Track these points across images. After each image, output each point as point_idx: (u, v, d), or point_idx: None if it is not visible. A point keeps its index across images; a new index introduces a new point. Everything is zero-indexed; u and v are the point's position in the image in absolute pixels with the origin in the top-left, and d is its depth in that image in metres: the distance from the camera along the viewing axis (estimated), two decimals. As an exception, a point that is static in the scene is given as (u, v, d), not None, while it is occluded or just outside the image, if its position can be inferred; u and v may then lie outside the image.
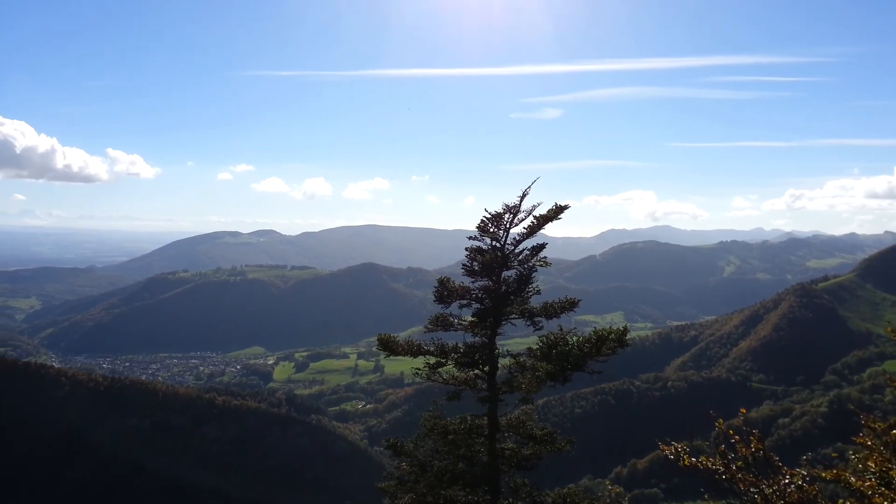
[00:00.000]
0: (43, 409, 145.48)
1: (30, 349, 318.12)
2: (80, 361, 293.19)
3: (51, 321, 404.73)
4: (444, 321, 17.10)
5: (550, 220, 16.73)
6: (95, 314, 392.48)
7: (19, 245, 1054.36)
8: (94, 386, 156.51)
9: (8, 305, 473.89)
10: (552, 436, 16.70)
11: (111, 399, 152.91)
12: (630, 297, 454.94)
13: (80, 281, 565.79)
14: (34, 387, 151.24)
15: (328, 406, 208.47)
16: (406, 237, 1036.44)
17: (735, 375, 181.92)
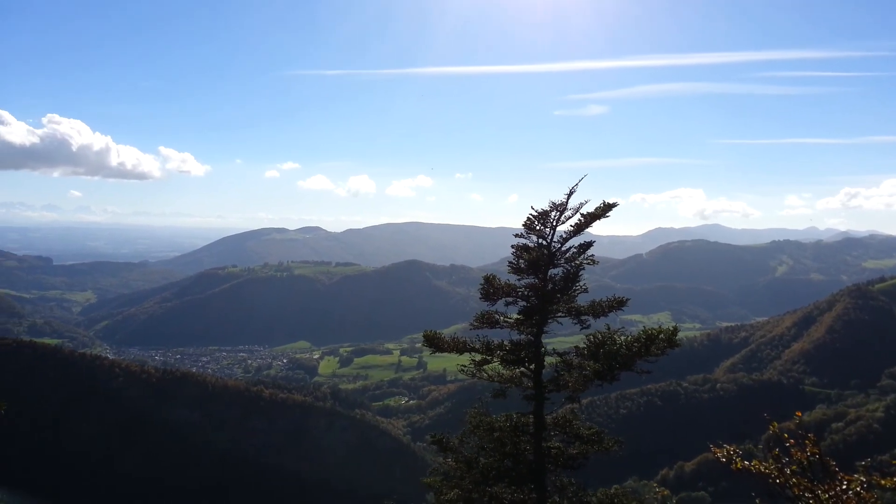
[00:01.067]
0: (98, 400, 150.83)
1: (85, 341, 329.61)
2: (134, 353, 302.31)
3: (106, 314, 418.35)
4: (489, 318, 17.13)
5: (598, 217, 16.61)
6: (148, 308, 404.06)
7: (76, 240, 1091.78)
8: (146, 377, 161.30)
9: (65, 298, 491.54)
10: (600, 435, 16.58)
11: (163, 390, 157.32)
12: (678, 296, 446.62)
13: (133, 275, 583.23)
14: (90, 377, 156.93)
15: (372, 401, 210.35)
16: (449, 234, 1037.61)
17: (787, 378, 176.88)
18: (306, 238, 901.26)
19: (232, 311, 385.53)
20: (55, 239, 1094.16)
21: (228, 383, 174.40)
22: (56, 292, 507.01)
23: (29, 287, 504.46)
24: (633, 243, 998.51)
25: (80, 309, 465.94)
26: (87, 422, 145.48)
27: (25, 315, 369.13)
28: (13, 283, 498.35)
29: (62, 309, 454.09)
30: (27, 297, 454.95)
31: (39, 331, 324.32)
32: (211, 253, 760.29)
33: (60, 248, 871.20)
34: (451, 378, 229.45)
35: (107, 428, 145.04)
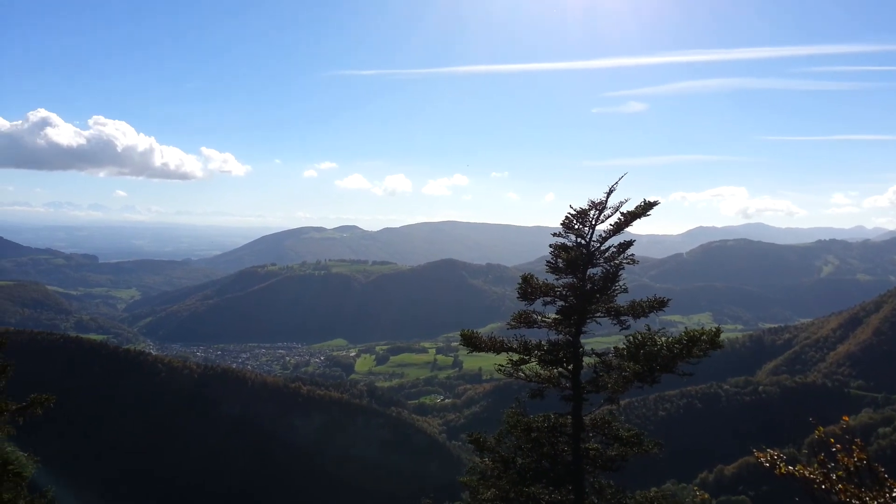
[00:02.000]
0: (142, 394, 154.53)
1: (130, 337, 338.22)
2: (176, 349, 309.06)
3: (149, 311, 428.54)
4: (527, 318, 17.05)
5: (639, 216, 16.40)
6: (190, 305, 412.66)
7: (121, 239, 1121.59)
8: (188, 373, 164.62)
9: (111, 295, 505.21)
10: (639, 438, 16.37)
11: (204, 386, 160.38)
12: (719, 297, 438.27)
13: (176, 273, 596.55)
14: (134, 372, 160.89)
15: (407, 399, 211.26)
16: (485, 233, 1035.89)
17: (832, 381, 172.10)
18: (343, 237, 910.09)
19: (271, 309, 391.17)
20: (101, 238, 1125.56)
21: (267, 380, 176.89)
22: (102, 289, 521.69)
23: (76, 284, 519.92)
24: (672, 243, 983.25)
25: (125, 306, 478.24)
26: (130, 416, 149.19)
27: (72, 311, 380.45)
28: (61, 281, 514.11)
29: (107, 306, 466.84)
30: (74, 294, 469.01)
31: (86, 327, 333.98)
32: (251, 251, 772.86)
33: (106, 246, 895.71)
34: (486, 377, 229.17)
35: (149, 422, 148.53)
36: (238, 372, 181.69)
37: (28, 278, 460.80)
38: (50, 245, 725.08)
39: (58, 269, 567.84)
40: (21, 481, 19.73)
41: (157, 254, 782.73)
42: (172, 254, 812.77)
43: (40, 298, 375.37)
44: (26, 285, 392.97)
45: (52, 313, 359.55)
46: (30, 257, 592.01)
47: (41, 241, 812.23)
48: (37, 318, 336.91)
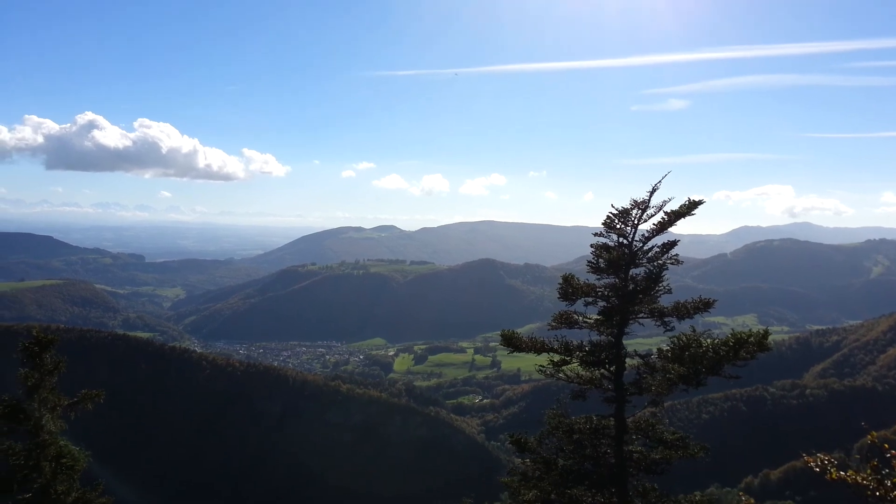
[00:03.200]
0: (187, 391, 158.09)
1: (175, 335, 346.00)
2: (219, 347, 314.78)
3: (194, 309, 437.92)
4: (568, 319, 16.90)
5: (683, 215, 16.12)
6: (233, 304, 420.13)
7: (167, 238, 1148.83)
8: (231, 370, 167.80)
9: (157, 294, 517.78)
10: (684, 441, 16.09)
11: (246, 383, 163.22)
12: (764, 298, 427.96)
13: (220, 272, 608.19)
14: (178, 369, 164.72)
15: (446, 399, 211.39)
16: (523, 233, 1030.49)
17: (882, 385, 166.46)
18: (382, 237, 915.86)
19: (311, 308, 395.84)
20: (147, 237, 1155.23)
21: (308, 378, 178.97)
22: (148, 288, 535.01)
23: (123, 283, 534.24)
24: (716, 242, 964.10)
25: (170, 304, 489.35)
26: (175, 412, 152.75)
27: (120, 309, 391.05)
28: (108, 280, 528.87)
29: (153, 304, 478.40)
30: (121, 292, 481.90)
31: (132, 325, 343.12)
32: (292, 251, 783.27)
33: (152, 246, 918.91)
34: (525, 378, 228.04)
35: (194, 418, 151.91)
36: (280, 370, 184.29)
37: (77, 277, 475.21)
38: (98, 245, 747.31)
39: (105, 268, 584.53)
40: (74, 474, 20.32)
41: (202, 253, 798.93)
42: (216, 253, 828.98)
43: (89, 297, 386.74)
44: (76, 284, 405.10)
45: (100, 311, 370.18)
46: (79, 257, 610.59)
47: (89, 240, 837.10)
48: (86, 316, 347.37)
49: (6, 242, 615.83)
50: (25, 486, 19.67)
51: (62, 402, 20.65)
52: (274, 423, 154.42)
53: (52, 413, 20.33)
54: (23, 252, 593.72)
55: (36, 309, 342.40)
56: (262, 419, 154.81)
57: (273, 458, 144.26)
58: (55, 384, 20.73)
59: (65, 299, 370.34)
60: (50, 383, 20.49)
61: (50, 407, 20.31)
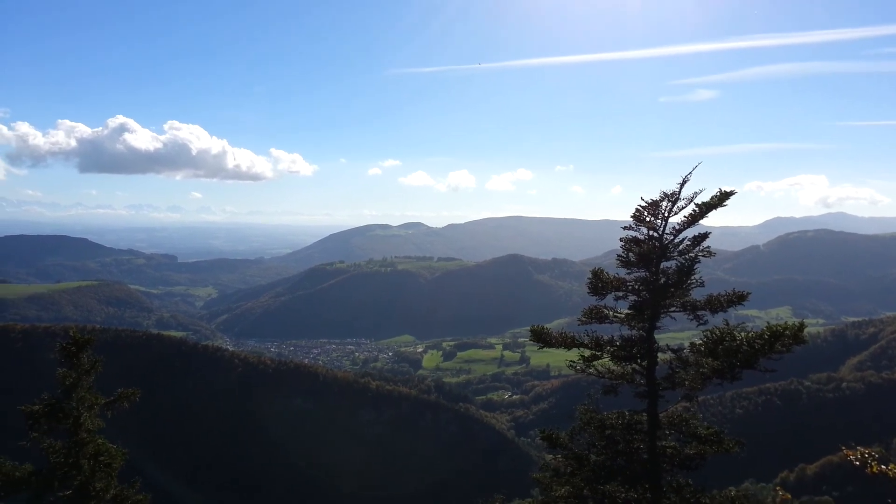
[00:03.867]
0: (220, 388, 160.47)
1: (207, 333, 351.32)
2: (251, 345, 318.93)
3: (225, 308, 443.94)
4: (598, 313, 16.74)
5: (714, 207, 15.86)
6: (263, 302, 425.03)
7: (198, 239, 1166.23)
8: (262, 368, 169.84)
9: (189, 293, 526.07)
10: (719, 436, 15.84)
11: (278, 380, 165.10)
12: (798, 290, 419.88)
13: (250, 271, 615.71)
14: (211, 367, 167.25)
15: (475, 395, 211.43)
16: (550, 228, 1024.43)
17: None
18: (408, 234, 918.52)
19: (339, 305, 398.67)
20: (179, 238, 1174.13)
21: (338, 375, 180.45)
22: (181, 288, 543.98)
23: (156, 283, 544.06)
24: (748, 234, 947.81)
25: (203, 303, 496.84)
26: (209, 409, 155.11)
27: (153, 309, 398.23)
28: (142, 280, 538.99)
29: (186, 303, 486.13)
30: (155, 292, 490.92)
31: (166, 324, 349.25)
32: (320, 249, 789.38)
33: (184, 246, 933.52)
34: (554, 373, 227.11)
35: (227, 415, 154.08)
36: (310, 367, 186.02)
37: (112, 278, 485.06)
38: (132, 246, 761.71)
39: (139, 268, 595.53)
40: (111, 472, 20.70)
41: (232, 253, 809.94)
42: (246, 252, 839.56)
43: (123, 297, 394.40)
44: (111, 285, 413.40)
45: (134, 311, 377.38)
46: (113, 258, 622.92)
47: (123, 242, 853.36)
48: (120, 316, 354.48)
49: (43, 245, 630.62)
50: (65, 483, 20.08)
51: (99, 401, 21.04)
52: (305, 419, 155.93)
53: (89, 412, 20.72)
54: (59, 254, 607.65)
55: (72, 310, 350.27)
56: (293, 416, 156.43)
57: (306, 454, 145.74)
58: (92, 383, 21.12)
59: (100, 300, 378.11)
60: (87, 382, 20.87)
61: (88, 406, 20.70)
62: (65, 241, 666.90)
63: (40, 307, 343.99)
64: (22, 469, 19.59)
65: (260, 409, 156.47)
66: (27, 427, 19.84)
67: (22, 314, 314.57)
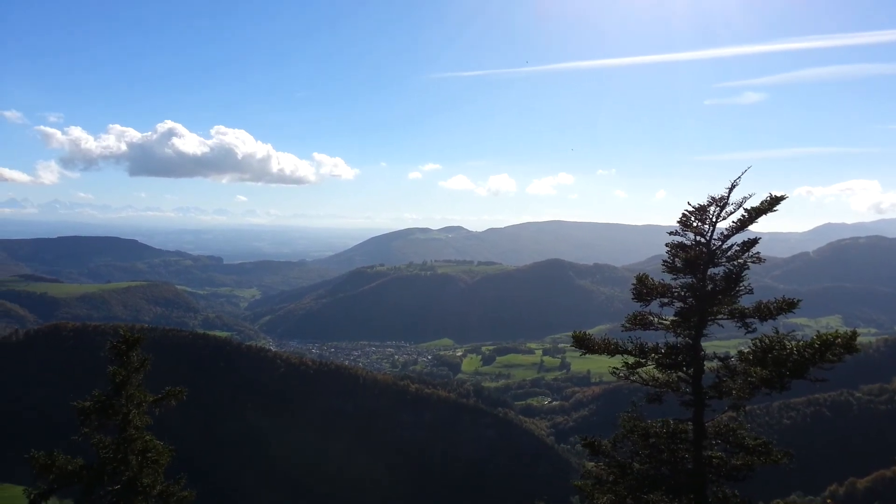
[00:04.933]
0: (263, 388, 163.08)
1: (251, 334, 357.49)
2: (293, 346, 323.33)
3: (269, 309, 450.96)
4: (642, 320, 16.49)
5: (764, 212, 15.51)
6: (305, 304, 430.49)
7: (243, 241, 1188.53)
8: (304, 369, 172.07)
9: (234, 294, 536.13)
10: (767, 447, 15.42)
11: (318, 381, 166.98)
12: (849, 298, 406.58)
13: (293, 273, 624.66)
14: (255, 367, 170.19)
15: (514, 400, 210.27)
16: (592, 233, 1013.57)
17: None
18: (449, 237, 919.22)
19: (380, 308, 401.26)
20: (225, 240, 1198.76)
21: (378, 377, 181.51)
22: (226, 289, 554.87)
23: (203, 284, 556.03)
24: (797, 241, 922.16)
25: (247, 304, 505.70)
26: (252, 408, 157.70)
27: (199, 309, 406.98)
28: (189, 281, 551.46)
29: (231, 304, 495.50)
30: (201, 293, 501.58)
31: (212, 324, 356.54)
32: (361, 252, 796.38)
33: (229, 248, 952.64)
34: (595, 380, 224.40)
35: (270, 415, 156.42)
36: (351, 369, 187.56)
37: (160, 279, 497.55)
38: (179, 248, 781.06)
39: (186, 269, 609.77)
40: (159, 468, 21.19)
41: (276, 255, 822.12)
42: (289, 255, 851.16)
43: (171, 297, 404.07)
44: (159, 285, 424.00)
45: (181, 311, 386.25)
46: (161, 259, 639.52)
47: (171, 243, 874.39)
48: (168, 316, 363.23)
49: (94, 246, 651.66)
50: (114, 477, 20.61)
51: (148, 399, 21.56)
52: (347, 420, 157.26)
53: (138, 409, 21.24)
54: (109, 255, 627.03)
55: (122, 309, 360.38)
56: (334, 417, 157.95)
57: (345, 454, 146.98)
58: (141, 381, 21.65)
59: (148, 300, 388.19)
60: (136, 380, 21.40)
61: (136, 403, 21.22)
62: (115, 242, 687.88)
63: (91, 306, 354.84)
64: (74, 463, 20.17)
65: (301, 409, 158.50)
66: (79, 422, 20.40)
67: (73, 313, 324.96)
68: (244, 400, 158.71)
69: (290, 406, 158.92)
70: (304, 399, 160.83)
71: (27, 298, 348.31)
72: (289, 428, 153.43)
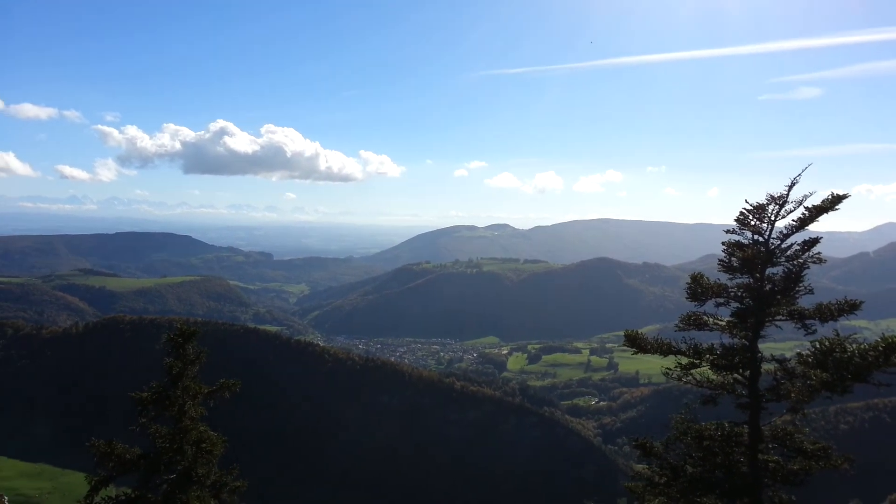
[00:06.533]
0: (310, 382, 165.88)
1: (300, 329, 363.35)
2: (340, 341, 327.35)
3: (317, 304, 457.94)
4: (697, 320, 16.17)
5: (825, 211, 15.05)
6: (352, 300, 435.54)
7: (293, 238, 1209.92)
8: (351, 364, 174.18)
9: (284, 290, 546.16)
10: (826, 451, 14.94)
11: (366, 376, 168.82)
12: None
13: (340, 270, 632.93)
14: (303, 361, 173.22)
15: (560, 400, 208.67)
16: (641, 231, 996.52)
17: None
18: (495, 235, 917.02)
19: (425, 305, 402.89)
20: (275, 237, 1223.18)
21: (423, 373, 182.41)
22: (276, 284, 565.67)
23: (253, 279, 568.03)
24: (857, 240, 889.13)
25: (296, 300, 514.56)
26: (300, 401, 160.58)
27: (250, 304, 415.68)
28: (241, 276, 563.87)
29: (281, 299, 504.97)
30: (252, 288, 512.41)
31: (262, 319, 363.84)
32: (407, 249, 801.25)
33: (279, 244, 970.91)
34: (644, 381, 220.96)
35: (317, 408, 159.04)
36: (396, 365, 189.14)
37: (213, 274, 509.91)
38: (231, 244, 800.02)
39: (238, 265, 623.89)
40: (212, 458, 21.70)
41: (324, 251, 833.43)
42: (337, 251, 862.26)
43: (223, 292, 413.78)
44: (212, 280, 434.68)
45: (233, 306, 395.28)
46: (214, 255, 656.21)
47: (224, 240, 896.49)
48: (220, 310, 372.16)
49: (151, 242, 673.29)
50: (170, 467, 21.19)
51: (202, 391, 22.08)
52: (392, 416, 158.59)
53: (193, 400, 21.78)
54: (165, 250, 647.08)
55: (176, 303, 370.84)
56: (380, 412, 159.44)
57: (389, 451, 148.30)
58: (196, 373, 22.20)
59: (202, 294, 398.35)
60: (192, 372, 21.94)
61: (191, 394, 21.75)
62: (170, 238, 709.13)
63: (147, 300, 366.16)
64: (132, 452, 20.82)
65: (347, 403, 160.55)
66: (136, 413, 21.03)
67: (130, 306, 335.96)
68: (293, 393, 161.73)
69: (336, 401, 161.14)
70: (350, 394, 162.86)
71: (87, 292, 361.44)
72: (335, 422, 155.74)
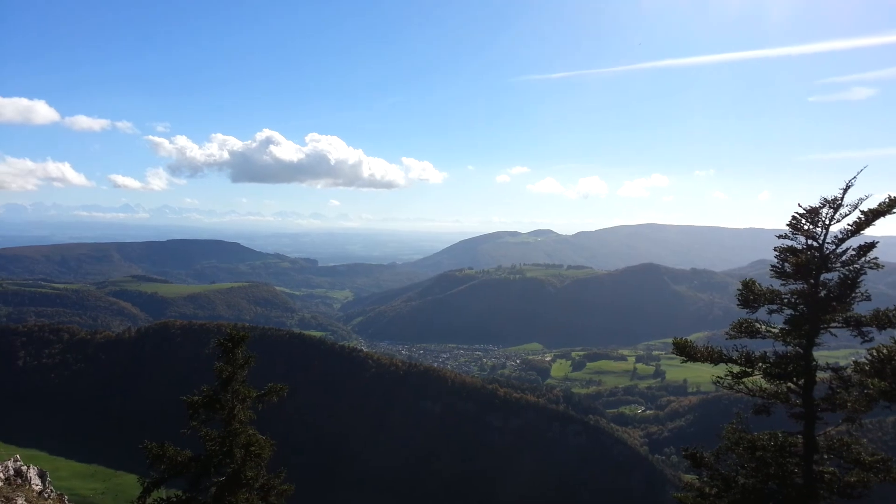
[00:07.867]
0: (354, 386, 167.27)
1: (344, 334, 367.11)
2: (384, 347, 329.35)
3: (360, 310, 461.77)
4: (749, 327, 15.78)
5: (882, 214, 14.54)
6: (395, 306, 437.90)
7: (337, 244, 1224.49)
8: (394, 370, 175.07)
9: (328, 296, 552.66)
10: (886, 463, 14.39)
11: (408, 382, 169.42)
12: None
13: (384, 276, 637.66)
14: (347, 366, 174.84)
15: (605, 408, 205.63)
16: (689, 236, 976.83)
17: None
18: (538, 241, 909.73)
19: (468, 311, 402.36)
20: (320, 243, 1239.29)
21: (466, 380, 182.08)
22: (321, 290, 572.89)
23: (299, 285, 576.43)
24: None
25: (340, 305, 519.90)
26: (344, 406, 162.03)
27: (296, 310, 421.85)
28: (286, 282, 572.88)
29: (325, 305, 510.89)
30: (298, 294, 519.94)
31: (307, 324, 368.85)
32: (449, 255, 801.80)
33: (324, 251, 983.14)
34: (692, 390, 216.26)
35: (361, 413, 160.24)
36: (439, 371, 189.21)
37: (260, 280, 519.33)
38: (278, 250, 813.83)
39: (284, 271, 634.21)
40: (261, 462, 22.07)
41: (368, 258, 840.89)
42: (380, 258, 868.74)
43: (270, 298, 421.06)
44: (259, 286, 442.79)
45: (279, 311, 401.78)
46: (262, 261, 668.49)
47: (270, 246, 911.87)
48: (267, 316, 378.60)
49: (200, 249, 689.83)
50: (220, 469, 21.62)
51: (251, 395, 22.46)
52: (434, 421, 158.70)
53: (242, 404, 22.19)
54: (214, 257, 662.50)
55: (225, 308, 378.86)
56: (423, 417, 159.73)
57: (432, 457, 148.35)
58: (245, 377, 22.61)
59: (249, 300, 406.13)
60: (241, 377, 22.35)
61: (241, 398, 22.16)
62: (219, 245, 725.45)
63: (197, 305, 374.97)
64: (183, 454, 21.30)
65: (390, 409, 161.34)
66: (188, 416, 21.52)
67: (181, 311, 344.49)
68: (337, 398, 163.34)
69: (380, 405, 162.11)
70: (392, 399, 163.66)
71: (139, 298, 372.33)
72: (378, 427, 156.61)
